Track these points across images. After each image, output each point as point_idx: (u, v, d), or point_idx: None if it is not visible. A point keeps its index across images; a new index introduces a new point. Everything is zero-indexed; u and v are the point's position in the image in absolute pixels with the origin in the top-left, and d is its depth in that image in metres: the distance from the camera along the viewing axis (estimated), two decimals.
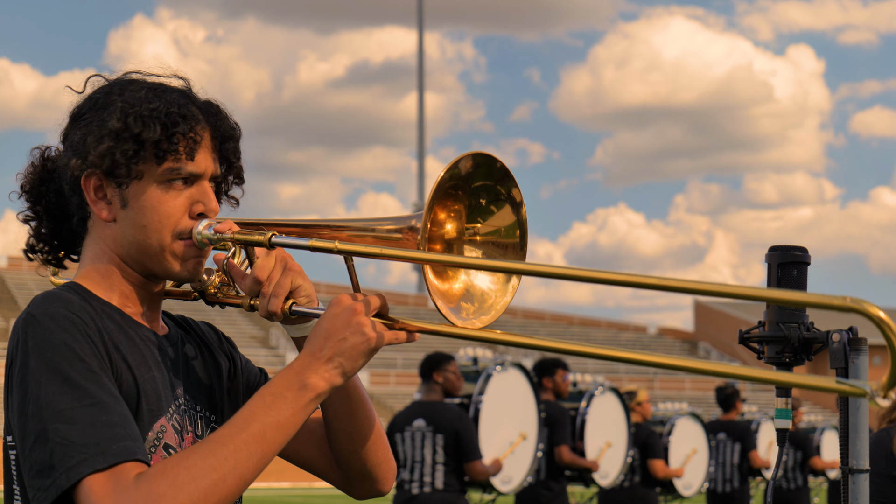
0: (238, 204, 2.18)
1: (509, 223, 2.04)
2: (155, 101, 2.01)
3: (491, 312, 2.01)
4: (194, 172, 2.03)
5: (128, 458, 1.80)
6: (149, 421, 1.95)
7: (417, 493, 7.63)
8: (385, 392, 46.14)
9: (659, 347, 61.22)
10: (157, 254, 2.03)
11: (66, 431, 1.80)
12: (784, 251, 2.07)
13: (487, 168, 2.00)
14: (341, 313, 1.93)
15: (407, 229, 1.98)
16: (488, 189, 2.02)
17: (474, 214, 2.03)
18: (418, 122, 64.95)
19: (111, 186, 2.02)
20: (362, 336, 1.92)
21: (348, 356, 1.92)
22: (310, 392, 1.90)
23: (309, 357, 1.92)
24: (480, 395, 8.54)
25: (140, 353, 1.99)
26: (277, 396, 1.89)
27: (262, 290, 2.00)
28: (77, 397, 1.82)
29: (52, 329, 1.87)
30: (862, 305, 1.64)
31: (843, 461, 2.02)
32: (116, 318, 2.00)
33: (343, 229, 2.06)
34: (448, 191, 1.99)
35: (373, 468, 2.18)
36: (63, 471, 1.78)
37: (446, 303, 1.98)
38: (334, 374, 1.92)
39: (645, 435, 10.69)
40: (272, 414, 1.87)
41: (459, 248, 2.03)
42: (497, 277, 2.03)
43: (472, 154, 1.98)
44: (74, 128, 2.05)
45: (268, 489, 33.80)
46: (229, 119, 2.10)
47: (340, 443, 2.15)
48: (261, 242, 2.01)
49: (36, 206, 2.12)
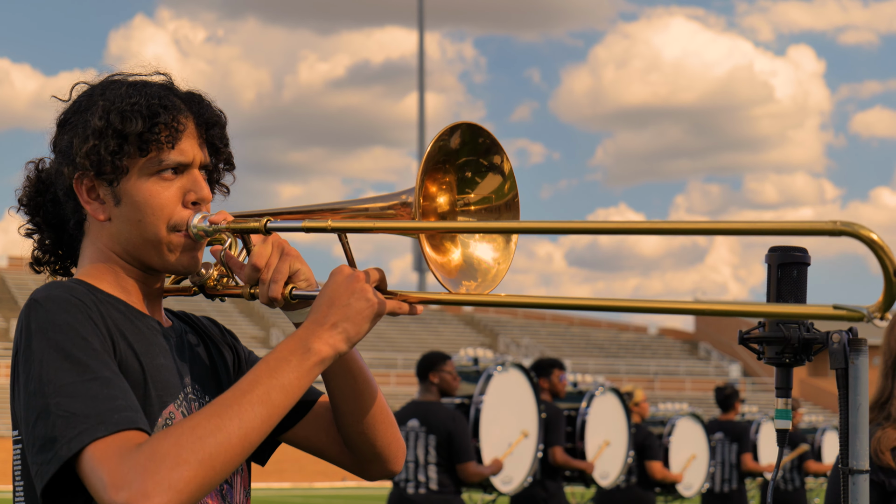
0: (228, 192, 2.19)
1: (497, 185, 2.06)
2: (135, 96, 2.02)
3: (495, 283, 2.03)
4: (181, 161, 2.04)
5: (130, 427, 1.80)
6: (158, 407, 1.96)
7: (412, 493, 7.64)
8: (385, 392, 46.04)
9: (659, 348, 61.23)
10: (155, 247, 2.03)
11: (67, 404, 1.80)
12: (784, 252, 2.07)
13: (472, 141, 2.02)
14: (343, 281, 1.94)
15: (399, 205, 2.00)
16: (473, 161, 2.04)
17: (463, 185, 2.05)
18: (419, 123, 64.95)
19: (102, 186, 2.03)
20: (366, 301, 1.93)
21: (353, 321, 1.93)
22: (314, 356, 1.91)
23: (313, 324, 1.93)
24: (481, 396, 8.54)
25: (147, 340, 2.00)
26: (282, 360, 1.89)
27: (261, 276, 2.01)
28: (78, 372, 1.83)
29: (55, 311, 1.88)
30: (853, 227, 1.65)
31: (842, 461, 2.02)
32: (122, 308, 2.01)
33: (337, 212, 2.08)
34: (436, 164, 2.01)
35: (382, 448, 2.19)
36: (65, 442, 1.79)
37: (446, 275, 1.99)
38: (339, 339, 1.93)
39: (643, 436, 10.68)
40: (277, 377, 1.87)
41: (453, 219, 2.06)
42: (497, 242, 2.05)
43: (458, 125, 2.00)
44: (61, 134, 2.07)
45: (268, 489, 33.81)
46: (212, 106, 2.11)
47: (349, 425, 2.16)
48: (256, 229, 2.03)
49: (35, 218, 2.13)
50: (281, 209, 2.11)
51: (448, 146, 2.01)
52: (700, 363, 59.87)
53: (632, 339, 61.79)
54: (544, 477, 9.25)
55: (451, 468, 7.66)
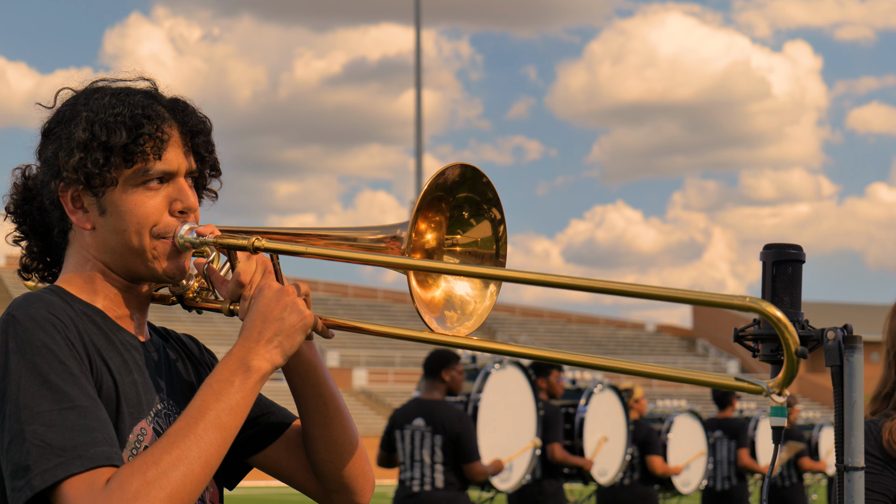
0: (217, 197, 2.19)
1: (487, 236, 2.08)
2: (119, 106, 2.02)
3: (473, 318, 2.05)
4: (167, 171, 2.04)
5: (104, 464, 1.80)
6: (129, 424, 1.95)
7: (418, 490, 7.65)
8: (383, 390, 46.17)
9: (657, 345, 61.28)
10: (139, 255, 2.04)
11: (43, 433, 1.80)
12: (779, 249, 2.07)
13: (473, 181, 2.04)
14: (273, 296, 1.97)
15: (390, 238, 2.02)
16: (471, 202, 2.06)
17: (454, 226, 2.07)
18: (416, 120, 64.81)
19: (88, 196, 2.03)
20: (298, 314, 1.97)
21: (287, 334, 1.96)
22: (255, 374, 1.93)
23: (248, 341, 1.95)
24: (479, 394, 8.55)
25: (121, 356, 1.99)
26: (224, 383, 1.91)
27: (244, 293, 2.02)
28: (56, 400, 1.83)
29: (33, 330, 1.88)
30: (759, 304, 1.73)
31: (838, 458, 2.03)
32: (98, 321, 2.01)
33: (325, 238, 2.09)
34: (432, 201, 2.03)
35: (350, 480, 2.18)
36: (38, 472, 1.79)
37: (430, 312, 2.02)
38: (275, 353, 1.95)
39: (644, 432, 10.70)
40: (224, 400, 1.89)
41: (439, 257, 2.07)
42: (475, 284, 2.08)
43: (460, 165, 2.02)
44: (46, 143, 2.07)
45: (266, 488, 33.80)
46: (197, 113, 2.11)
47: (318, 452, 2.15)
48: (244, 247, 2.04)
49: (22, 226, 2.13)
50: (268, 228, 2.12)
51: (446, 182, 2.02)
52: (698, 360, 59.91)
53: (629, 336, 61.83)
54: (544, 476, 9.26)
55: (457, 467, 7.67)
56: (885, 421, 3.51)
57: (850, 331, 2.02)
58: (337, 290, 60.18)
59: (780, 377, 1.76)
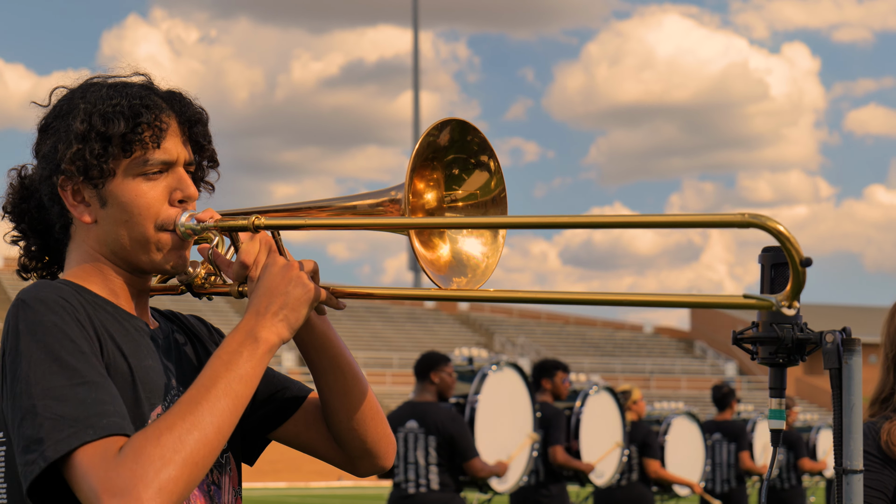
0: (213, 189, 2.19)
1: (484, 181, 2.07)
2: (116, 97, 2.03)
3: (485, 278, 2.05)
4: (166, 160, 2.04)
5: (117, 433, 1.81)
6: (147, 409, 1.96)
7: (413, 492, 7.65)
8: (381, 391, 46.15)
9: (655, 346, 61.27)
10: (143, 247, 2.04)
11: (55, 407, 1.81)
12: (777, 252, 2.07)
13: (460, 134, 2.04)
14: (279, 270, 1.98)
15: (388, 202, 2.02)
16: (463, 155, 2.06)
17: (451, 182, 2.07)
18: (414, 122, 64.81)
19: (88, 188, 2.03)
20: (303, 287, 1.98)
21: (292, 307, 1.97)
22: (263, 345, 1.94)
23: (255, 315, 1.96)
24: (476, 395, 8.55)
25: (135, 341, 2.00)
26: (234, 354, 1.92)
27: (250, 273, 2.02)
28: (67, 376, 1.84)
29: (43, 312, 1.89)
30: (760, 219, 1.70)
31: (836, 461, 2.03)
32: (109, 309, 2.01)
33: (324, 209, 2.09)
34: (425, 161, 2.03)
35: (373, 444, 2.21)
36: (52, 443, 1.79)
37: (436, 271, 2.02)
38: (281, 326, 1.96)
39: (643, 433, 10.70)
40: (233, 369, 1.90)
41: (441, 215, 2.07)
42: (485, 237, 2.07)
43: (446, 122, 2.02)
44: (44, 139, 2.07)
45: (264, 489, 33.80)
46: (194, 104, 2.11)
47: (340, 421, 2.17)
48: (245, 227, 2.04)
49: (20, 225, 2.13)
50: (268, 207, 2.12)
51: (437, 142, 2.02)
52: (696, 362, 59.92)
53: (627, 338, 61.82)
54: (547, 479, 9.26)
55: (452, 468, 7.67)
56: (884, 422, 3.51)
57: (849, 333, 2.01)
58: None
59: (788, 289, 1.74)
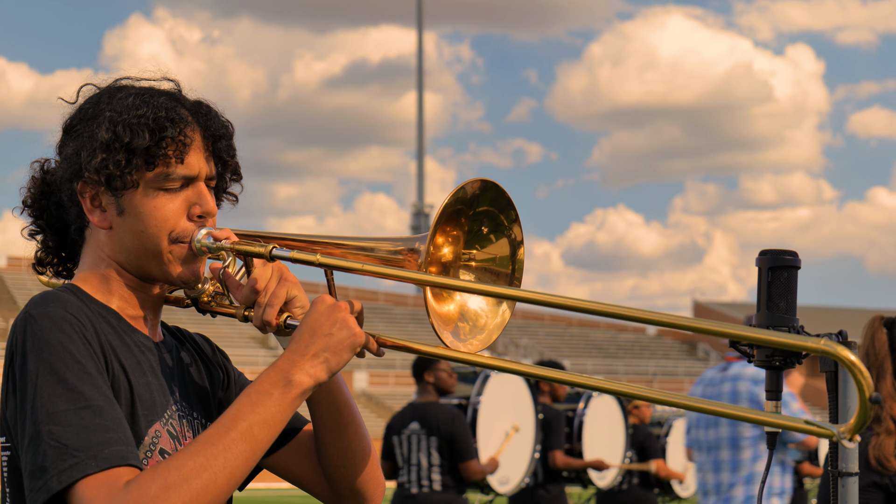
0: (237, 201, 2.19)
1: (504, 255, 2.06)
2: (143, 108, 2.01)
3: (485, 332, 2.03)
4: (187, 175, 2.03)
5: (120, 464, 1.80)
6: (144, 426, 1.95)
7: (416, 492, 7.66)
8: (384, 393, 46.17)
9: (658, 348, 61.24)
10: (156, 258, 2.03)
11: (59, 434, 1.80)
12: (774, 255, 2.08)
13: (494, 195, 2.02)
14: (325, 310, 1.95)
15: (408, 251, 2.00)
16: (491, 216, 2.04)
17: (472, 241, 2.05)
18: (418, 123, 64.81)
19: (107, 195, 2.03)
20: (348, 331, 1.94)
21: (334, 351, 1.93)
22: (296, 388, 1.91)
23: (294, 354, 1.93)
24: (478, 397, 8.55)
25: (135, 358, 1.99)
26: (263, 394, 1.89)
27: (259, 299, 2.01)
28: (72, 399, 1.83)
29: (50, 330, 1.88)
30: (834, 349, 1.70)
31: (832, 464, 2.03)
32: (113, 322, 2.00)
33: (343, 247, 2.08)
34: (451, 215, 2.00)
35: (361, 485, 2.18)
36: (55, 473, 1.79)
37: (444, 325, 2.00)
38: (320, 369, 1.93)
39: (643, 437, 10.70)
40: (259, 412, 1.87)
41: (455, 271, 2.05)
42: (489, 300, 2.05)
43: (481, 180, 2.00)
44: (67, 140, 2.07)
45: (267, 489, 33.76)
46: (220, 117, 2.10)
47: (330, 458, 2.15)
48: (261, 254, 2.03)
49: (39, 220, 2.13)
50: (284, 234, 2.12)
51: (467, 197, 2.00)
52: (699, 364, 59.86)
53: (630, 340, 61.78)
54: (546, 480, 9.26)
55: (454, 468, 7.67)
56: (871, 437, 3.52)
57: (845, 336, 2.02)
58: (339, 293, 60.03)
59: (853, 422, 1.72)
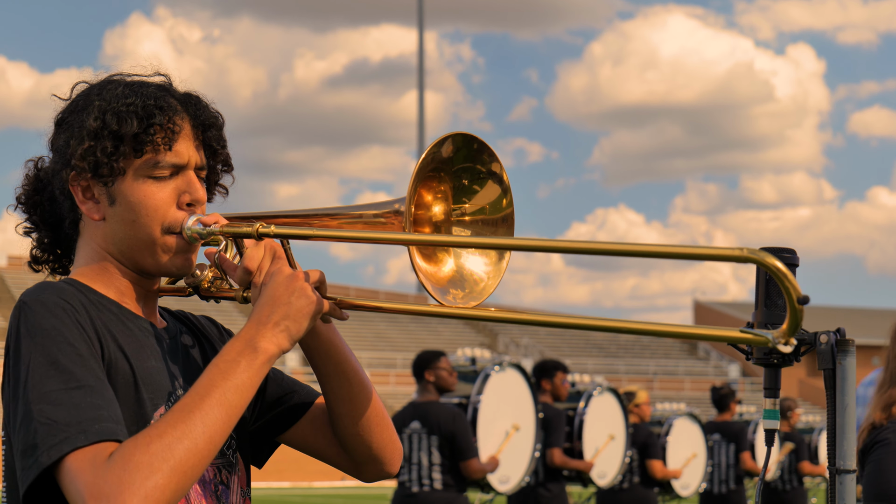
0: (227, 193, 2.20)
1: (495, 196, 2.07)
2: (131, 97, 2.04)
3: (482, 297, 2.05)
4: (176, 163, 2.05)
5: (108, 438, 1.82)
6: (150, 409, 1.97)
7: (417, 491, 7.67)
8: (384, 392, 46.16)
9: (658, 348, 61.23)
10: (149, 248, 2.05)
11: (49, 412, 1.82)
12: (772, 253, 2.08)
13: (467, 149, 2.04)
14: (283, 280, 1.97)
15: (391, 213, 2.02)
16: (469, 170, 2.05)
17: (459, 195, 2.07)
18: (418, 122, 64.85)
19: (98, 186, 2.04)
20: (307, 299, 1.97)
21: (294, 319, 1.96)
22: (262, 355, 1.93)
23: (257, 324, 1.95)
24: (479, 396, 8.56)
25: (138, 342, 2.01)
26: (231, 363, 1.91)
27: (253, 279, 2.03)
28: (63, 380, 1.85)
29: (43, 314, 1.90)
30: (757, 255, 1.71)
31: (830, 462, 2.04)
32: (114, 309, 2.02)
33: (331, 216, 2.10)
34: (430, 173, 2.03)
35: (378, 450, 2.21)
36: (45, 449, 1.81)
37: (435, 283, 2.01)
38: (282, 337, 1.96)
39: (644, 435, 10.71)
40: (230, 379, 1.90)
41: (448, 229, 2.07)
42: (490, 257, 2.07)
43: (452, 135, 2.02)
44: (58, 133, 2.08)
45: (267, 489, 33.80)
46: (210, 108, 2.12)
47: (345, 427, 2.18)
48: (248, 234, 2.05)
49: (33, 217, 2.14)
50: (273, 212, 2.13)
51: (442, 154, 2.02)
52: (699, 363, 59.87)
53: (631, 340, 61.74)
54: (546, 479, 9.27)
55: (455, 467, 7.69)
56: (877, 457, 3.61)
57: (843, 334, 2.03)
58: (339, 292, 59.13)
59: (785, 326, 1.75)
